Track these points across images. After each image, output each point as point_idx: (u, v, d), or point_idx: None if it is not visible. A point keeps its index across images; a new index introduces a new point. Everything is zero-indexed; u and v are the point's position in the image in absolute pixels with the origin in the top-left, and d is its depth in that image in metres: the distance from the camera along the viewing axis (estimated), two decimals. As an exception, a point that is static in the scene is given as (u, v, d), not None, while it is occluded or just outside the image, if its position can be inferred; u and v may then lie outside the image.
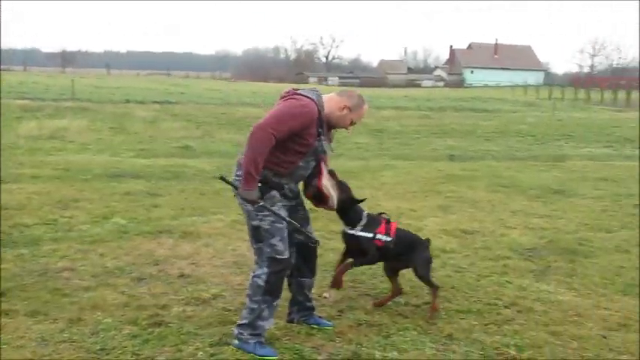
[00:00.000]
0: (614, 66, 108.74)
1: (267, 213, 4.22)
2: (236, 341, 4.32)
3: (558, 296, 5.58)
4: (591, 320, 5.06)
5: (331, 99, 4.39)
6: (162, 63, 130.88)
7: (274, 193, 4.26)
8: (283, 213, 4.29)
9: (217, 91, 44.17)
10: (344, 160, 14.12)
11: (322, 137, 4.32)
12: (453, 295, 5.53)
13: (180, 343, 4.32)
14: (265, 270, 4.27)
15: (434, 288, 5.07)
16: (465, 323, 4.90)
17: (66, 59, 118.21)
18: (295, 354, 4.25)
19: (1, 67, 71.61)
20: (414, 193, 10.50)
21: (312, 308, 4.82)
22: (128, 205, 8.66)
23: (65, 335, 4.39)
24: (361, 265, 5.03)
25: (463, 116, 29.66)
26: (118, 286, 5.41)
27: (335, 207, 4.61)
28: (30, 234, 6.96)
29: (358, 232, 4.76)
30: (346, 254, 4.91)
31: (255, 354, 4.21)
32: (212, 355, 4.19)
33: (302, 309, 4.77)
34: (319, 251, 5.08)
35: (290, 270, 4.48)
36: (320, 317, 4.84)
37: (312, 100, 4.23)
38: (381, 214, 4.99)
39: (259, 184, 4.15)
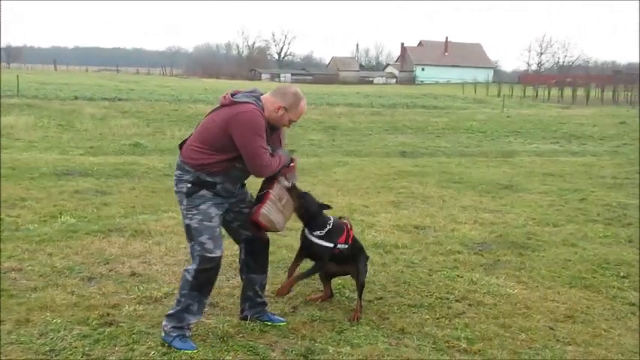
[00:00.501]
0: (561, 64, 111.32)
1: (196, 212, 4.25)
2: (162, 333, 4.34)
3: (507, 289, 5.70)
4: (539, 312, 5.18)
5: (267, 100, 4.33)
6: (112, 59, 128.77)
7: (204, 192, 4.26)
8: (213, 212, 4.29)
9: (168, 87, 43.64)
10: (297, 156, 14.11)
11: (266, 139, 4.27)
12: (405, 289, 5.59)
13: (132, 343, 4.27)
14: (195, 267, 4.28)
15: (360, 300, 4.98)
16: (417, 317, 4.96)
17: (11, 55, 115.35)
18: (249, 351, 4.24)
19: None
20: (366, 189, 10.57)
21: (264, 304, 4.80)
22: (77, 203, 8.51)
23: (13, 337, 4.29)
24: (314, 273, 4.96)
25: (414, 113, 29.96)
26: (68, 286, 5.31)
27: (281, 230, 4.61)
28: (-26, 234, 6.77)
29: (319, 241, 4.72)
30: (300, 255, 4.90)
31: (174, 347, 4.23)
32: (164, 354, 4.15)
33: (253, 305, 4.75)
34: (271, 248, 5.09)
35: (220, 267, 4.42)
36: (273, 314, 4.84)
37: (253, 104, 4.21)
38: (341, 218, 5.00)
39: (189, 185, 4.25)
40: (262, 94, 4.37)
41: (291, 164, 4.53)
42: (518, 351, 4.44)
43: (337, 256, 4.87)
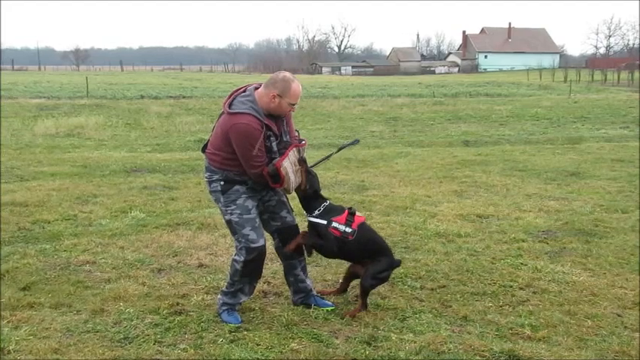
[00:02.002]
0: (631, 46, 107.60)
1: (235, 207, 4.54)
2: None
3: (573, 277, 5.62)
4: (606, 299, 5.10)
5: (261, 94, 4.46)
6: (175, 58, 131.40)
7: (237, 187, 4.55)
8: (250, 204, 4.56)
9: (231, 84, 44.25)
10: (358, 148, 14.15)
11: (272, 138, 4.47)
12: (468, 277, 5.58)
13: (200, 331, 4.43)
14: (242, 258, 4.57)
15: (362, 305, 4.79)
16: (479, 305, 4.96)
17: (79, 57, 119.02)
18: (313, 338, 4.33)
19: (16, 67, 72.26)
20: (428, 180, 10.54)
21: (307, 289, 4.93)
22: (146, 199, 8.79)
23: (89, 326, 4.50)
24: (313, 247, 4.76)
25: (477, 101, 29.56)
26: (139, 277, 5.53)
27: (290, 191, 4.65)
28: (51, 229, 7.09)
29: (314, 219, 4.69)
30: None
31: (222, 319, 4.61)
32: (232, 341, 4.28)
33: (297, 290, 4.93)
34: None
35: (265, 254, 4.68)
36: (322, 298, 4.96)
37: (250, 114, 4.37)
38: (348, 208, 4.77)
39: (222, 183, 4.57)
40: (257, 89, 4.52)
41: (302, 142, 4.69)
42: (583, 338, 4.38)
43: (348, 244, 4.65)
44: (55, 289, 5.21)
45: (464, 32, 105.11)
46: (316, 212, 4.69)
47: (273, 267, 5.85)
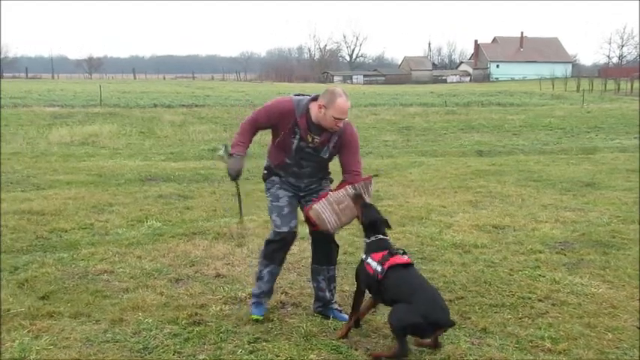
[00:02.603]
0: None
1: (269, 194, 4.94)
2: None
3: (592, 289, 5.58)
4: (626, 312, 5.06)
5: (313, 104, 4.70)
6: (187, 66, 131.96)
7: (274, 178, 4.97)
8: (281, 193, 4.89)
9: (243, 92, 44.42)
10: (372, 158, 14.17)
11: (297, 136, 4.71)
12: (486, 289, 5.56)
13: (219, 341, 4.43)
14: (267, 237, 4.92)
15: (398, 350, 4.17)
16: (499, 317, 4.94)
17: (92, 65, 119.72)
18: (332, 350, 4.32)
19: (30, 75, 72.90)
20: (443, 189, 10.52)
21: (325, 299, 4.99)
22: (162, 208, 8.82)
23: (108, 335, 4.52)
24: (357, 295, 4.62)
25: (490, 111, 29.49)
26: (157, 287, 5.54)
27: (332, 231, 4.71)
28: (68, 238, 7.13)
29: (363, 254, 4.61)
30: None
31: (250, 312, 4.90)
32: (251, 352, 4.28)
33: (317, 298, 5.04)
34: (351, 249, 5.21)
35: (291, 242, 4.91)
36: (339, 311, 4.98)
37: (291, 100, 4.76)
38: (404, 252, 4.52)
39: (265, 171, 5.05)
40: (315, 99, 4.75)
41: (368, 176, 4.80)
42: (605, 351, 4.35)
43: (377, 283, 4.39)
44: (73, 298, 5.23)
45: (475, 41, 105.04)
46: (365, 243, 4.61)
47: (290, 277, 5.87)
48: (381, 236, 4.57)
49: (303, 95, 4.83)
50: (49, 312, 4.89)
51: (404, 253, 4.47)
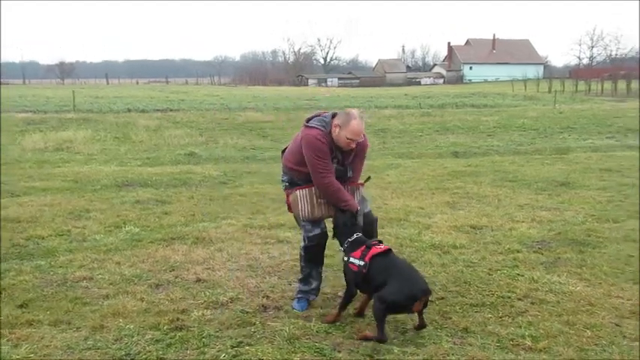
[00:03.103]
0: (613, 56, 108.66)
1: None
2: None
3: (570, 287, 5.66)
4: (604, 309, 5.14)
5: (331, 123, 4.94)
6: (161, 70, 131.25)
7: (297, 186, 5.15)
8: None
9: (217, 96, 44.21)
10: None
11: (334, 160, 4.98)
12: (466, 289, 5.61)
13: (202, 346, 4.41)
14: (303, 244, 5.17)
15: (377, 334, 4.48)
16: (479, 316, 4.98)
17: (64, 71, 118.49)
18: (316, 352, 4.33)
19: (1, 80, 71.99)
20: (420, 191, 10.59)
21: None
22: (139, 213, 8.76)
23: (89, 343, 4.48)
24: (347, 296, 4.88)
25: (464, 112, 29.69)
26: (137, 292, 5.50)
27: (301, 219, 5.11)
28: (45, 245, 7.05)
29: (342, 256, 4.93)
30: None
31: (292, 306, 5.17)
32: (234, 356, 4.28)
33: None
34: (330, 252, 5.27)
35: (325, 242, 5.20)
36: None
37: (319, 129, 4.92)
38: (380, 242, 4.82)
39: (286, 184, 5.25)
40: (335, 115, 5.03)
41: (360, 181, 5.30)
42: (584, 348, 4.42)
43: (362, 276, 4.65)
44: (53, 306, 5.18)
45: (449, 44, 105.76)
46: (343, 247, 4.90)
47: (271, 280, 5.86)
48: (355, 236, 4.85)
49: (319, 116, 5.04)
50: (28, 320, 4.84)
51: (380, 242, 4.80)
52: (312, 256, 5.18)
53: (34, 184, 11.17)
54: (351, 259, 4.72)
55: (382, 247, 4.72)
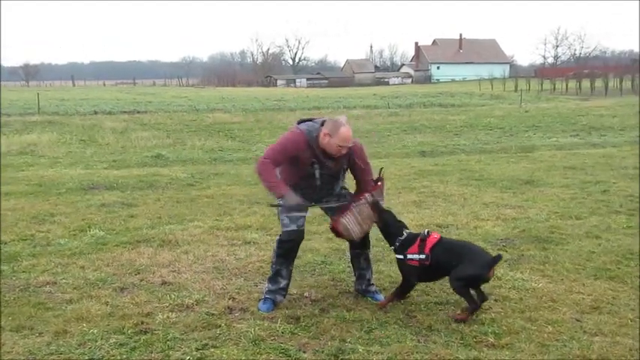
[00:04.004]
0: (577, 55, 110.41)
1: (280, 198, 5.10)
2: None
3: (532, 283, 5.75)
4: (565, 305, 5.23)
5: (320, 131, 4.98)
6: (128, 72, 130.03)
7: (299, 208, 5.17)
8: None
9: (185, 98, 44.00)
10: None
11: (316, 165, 5.03)
12: (431, 287, 5.65)
13: (167, 349, 4.39)
14: (278, 238, 5.23)
15: (471, 307, 4.89)
16: (443, 314, 5.03)
17: (29, 73, 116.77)
18: (281, 353, 4.34)
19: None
20: (387, 190, 10.50)
21: (366, 277, 5.45)
22: (105, 216, 8.68)
23: (52, 348, 4.43)
24: (402, 291, 5.21)
25: (432, 112, 29.96)
26: (102, 296, 5.45)
27: (357, 239, 5.19)
28: (8, 250, 6.94)
29: (396, 254, 5.15)
30: None
31: (258, 307, 5.15)
32: (199, 358, 4.26)
33: (359, 277, 5.47)
34: (298, 252, 5.28)
35: (300, 240, 5.23)
36: (376, 292, 5.44)
37: (304, 132, 4.98)
38: (428, 232, 5.12)
39: None
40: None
41: (378, 183, 5.30)
42: (545, 343, 4.49)
43: (429, 268, 4.99)
44: (15, 311, 5.10)
45: (416, 43, 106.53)
46: (395, 246, 5.13)
47: (237, 282, 5.86)
48: (406, 234, 5.14)
49: (309, 121, 5.12)
50: (-11, 326, 4.77)
51: (428, 232, 5.08)
52: (284, 251, 5.19)
53: (-3, 188, 10.99)
54: (409, 256, 4.99)
55: (435, 235, 5.07)
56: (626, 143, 18.08)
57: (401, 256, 5.08)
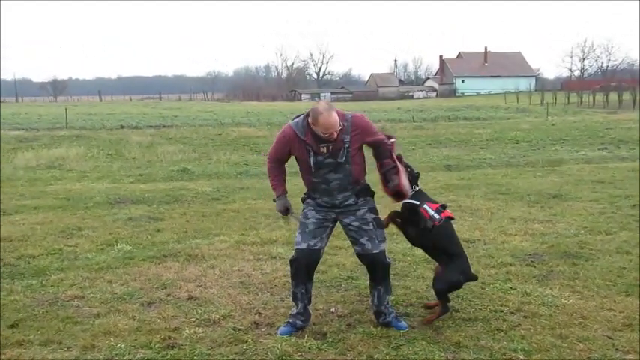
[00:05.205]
0: (604, 68, 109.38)
1: (302, 215, 5.08)
2: None
3: (562, 300, 5.66)
4: (596, 322, 5.13)
5: (307, 120, 4.88)
6: (154, 87, 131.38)
7: (310, 200, 5.09)
8: (310, 214, 5.02)
9: (211, 112, 44.33)
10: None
11: (311, 152, 4.86)
12: (459, 303, 5.60)
13: (194, 365, 4.39)
14: (290, 256, 5.14)
15: (441, 309, 5.15)
16: (472, 330, 4.97)
17: (57, 88, 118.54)
18: (308, 369, 4.31)
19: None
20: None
21: (379, 313, 5.14)
22: (132, 230, 8.74)
23: (80, 362, 4.45)
24: (400, 219, 5.31)
25: (457, 125, 29.83)
26: (129, 311, 5.48)
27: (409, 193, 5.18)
28: (36, 264, 7.02)
29: (409, 200, 5.18)
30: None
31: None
32: (226, 374, 4.25)
33: (375, 313, 5.19)
34: (323, 267, 5.25)
35: (310, 261, 5.00)
36: (396, 319, 5.15)
37: (291, 125, 4.92)
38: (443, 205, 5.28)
39: (303, 196, 5.16)
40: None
41: (392, 140, 5.17)
42: (576, 361, 4.41)
43: (429, 236, 5.13)
44: (43, 325, 5.15)
45: (441, 57, 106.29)
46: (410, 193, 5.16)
47: (263, 297, 5.84)
48: (419, 188, 5.27)
49: (299, 115, 5.00)
50: (18, 340, 4.80)
51: (444, 207, 5.21)
52: (294, 271, 5.02)
53: (26, 202, 11.13)
54: (426, 207, 5.13)
55: (450, 212, 5.29)
56: (655, 157, 17.82)
57: (417, 202, 5.14)
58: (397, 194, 5.15)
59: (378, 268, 5.05)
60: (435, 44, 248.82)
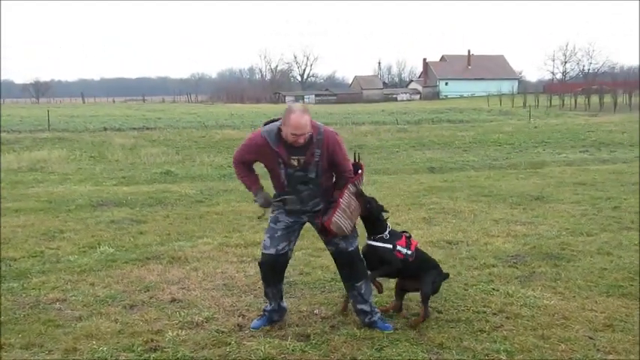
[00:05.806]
0: (586, 71, 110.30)
1: (271, 217, 5.06)
2: None
3: (544, 301, 5.70)
4: (577, 322, 5.17)
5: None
6: (137, 89, 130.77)
7: (279, 204, 4.97)
8: (280, 217, 4.99)
9: (194, 114, 44.19)
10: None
11: (282, 165, 4.79)
12: (442, 305, 5.62)
13: (177, 367, 4.37)
14: (258, 260, 5.14)
15: (425, 313, 5.20)
16: (455, 332, 4.99)
17: (39, 90, 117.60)
18: (291, 371, 4.31)
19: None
20: (397, 207, 10.61)
21: (363, 312, 5.12)
22: (114, 233, 8.68)
23: (62, 366, 4.41)
24: (381, 275, 5.27)
25: (440, 128, 29.96)
26: (111, 314, 5.44)
27: (349, 234, 4.97)
28: (18, 267, 6.95)
29: (380, 243, 5.11)
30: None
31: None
32: (209, 377, 4.24)
33: (358, 313, 5.18)
34: (307, 269, 5.24)
35: (278, 264, 5.03)
36: (381, 320, 5.15)
37: (262, 132, 4.79)
38: (403, 232, 5.34)
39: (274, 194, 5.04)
40: None
41: (359, 171, 5.02)
42: (558, 362, 4.44)
43: (406, 269, 5.16)
44: (25, 328, 5.10)
45: (424, 60, 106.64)
46: (383, 236, 5.13)
47: (247, 299, 5.83)
48: (389, 227, 5.20)
49: (272, 122, 4.83)
50: (-1, 344, 4.76)
51: (409, 237, 5.29)
52: (264, 274, 5.08)
53: (7, 204, 11.02)
54: (399, 247, 5.11)
55: (414, 240, 5.35)
56: (635, 159, 18.00)
57: (390, 246, 5.10)
58: (324, 229, 4.94)
59: (356, 265, 5.06)
60: (419, 47, 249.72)
